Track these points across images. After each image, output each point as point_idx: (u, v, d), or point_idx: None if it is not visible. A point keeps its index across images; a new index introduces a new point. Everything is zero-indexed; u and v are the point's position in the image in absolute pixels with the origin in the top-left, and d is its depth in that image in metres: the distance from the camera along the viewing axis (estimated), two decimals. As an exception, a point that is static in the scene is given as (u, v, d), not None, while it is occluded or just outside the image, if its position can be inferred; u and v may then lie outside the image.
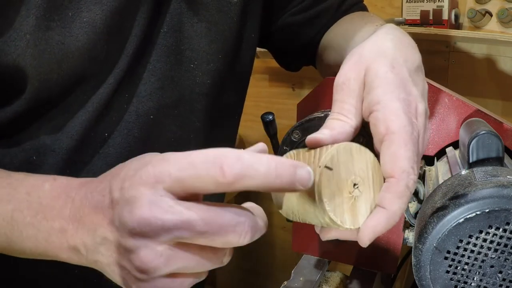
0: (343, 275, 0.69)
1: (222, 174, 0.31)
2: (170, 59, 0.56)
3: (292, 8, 0.73)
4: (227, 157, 0.32)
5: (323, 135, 0.39)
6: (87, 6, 0.48)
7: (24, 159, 0.51)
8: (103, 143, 0.54)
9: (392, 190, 0.37)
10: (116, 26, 0.50)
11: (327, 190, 0.36)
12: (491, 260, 0.38)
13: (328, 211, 0.36)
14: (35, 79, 0.47)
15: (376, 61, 0.41)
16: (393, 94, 0.39)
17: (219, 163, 0.31)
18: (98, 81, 0.51)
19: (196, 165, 0.32)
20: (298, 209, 0.39)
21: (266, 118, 0.55)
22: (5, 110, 0.48)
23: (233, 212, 0.33)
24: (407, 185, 0.37)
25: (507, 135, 0.54)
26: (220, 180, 0.31)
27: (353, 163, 0.38)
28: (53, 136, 0.51)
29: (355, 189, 0.38)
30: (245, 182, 0.32)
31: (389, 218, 0.37)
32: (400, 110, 0.38)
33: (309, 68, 0.83)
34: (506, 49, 1.37)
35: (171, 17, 0.55)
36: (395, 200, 0.37)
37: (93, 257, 0.37)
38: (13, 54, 0.45)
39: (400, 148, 0.37)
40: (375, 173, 0.39)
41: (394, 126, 0.37)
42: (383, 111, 0.38)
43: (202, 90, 0.60)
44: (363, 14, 0.74)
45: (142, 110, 0.55)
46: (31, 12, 0.44)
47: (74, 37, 0.47)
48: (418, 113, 0.40)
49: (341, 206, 0.37)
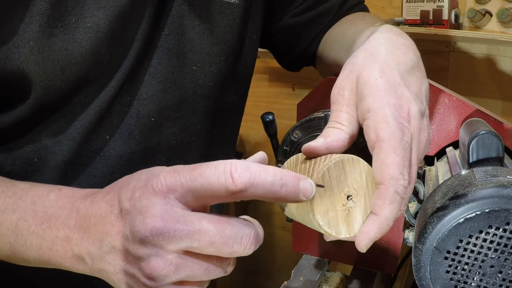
0: (343, 275, 0.69)
1: (232, 182, 0.33)
2: (172, 61, 0.56)
3: (294, 9, 0.73)
4: (236, 167, 0.33)
5: (317, 144, 0.40)
6: (90, 12, 0.48)
7: (25, 161, 0.51)
8: (104, 145, 0.54)
9: (382, 197, 0.38)
10: (120, 31, 0.50)
11: (320, 207, 0.37)
12: (491, 260, 0.38)
13: (322, 226, 0.38)
14: (38, 85, 0.47)
15: (366, 68, 0.42)
16: (383, 100, 0.39)
17: (229, 172, 0.33)
18: (101, 84, 0.52)
19: (207, 174, 0.33)
20: (298, 218, 0.41)
21: (266, 118, 0.55)
22: (8, 114, 0.48)
23: (240, 224, 0.35)
24: (396, 191, 0.37)
25: (507, 135, 0.54)
26: (230, 188, 0.33)
27: (345, 176, 0.38)
28: (55, 139, 0.51)
29: (349, 201, 0.39)
30: (253, 190, 0.33)
31: (381, 224, 0.38)
32: (389, 117, 0.39)
33: (309, 68, 0.83)
34: (506, 49, 1.37)
35: (173, 20, 0.55)
36: (385, 206, 0.38)
37: (98, 265, 0.38)
38: (17, 60, 0.45)
39: (388, 155, 0.38)
40: (370, 180, 0.40)
41: (383, 134, 0.38)
42: (373, 119, 0.39)
43: (204, 92, 0.60)
44: (363, 14, 0.74)
45: (143, 112, 0.55)
46: (34, 19, 0.45)
47: (78, 43, 0.48)
48: (411, 116, 0.40)
49: (335, 219, 0.38)
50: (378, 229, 0.38)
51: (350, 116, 0.42)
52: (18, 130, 0.50)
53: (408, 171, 0.38)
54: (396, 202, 0.38)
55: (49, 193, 0.41)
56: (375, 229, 0.38)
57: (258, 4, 0.66)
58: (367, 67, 0.42)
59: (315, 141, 0.41)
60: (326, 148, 0.40)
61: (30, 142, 0.51)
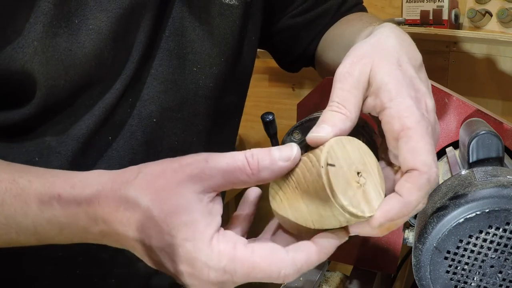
0: (343, 275, 0.69)
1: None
2: (173, 63, 0.57)
3: (293, 10, 0.73)
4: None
5: (326, 134, 0.38)
6: (93, 14, 0.48)
7: (26, 160, 0.51)
8: (107, 146, 0.54)
9: (413, 181, 0.36)
10: (122, 33, 0.51)
11: (339, 186, 0.36)
12: (491, 260, 0.38)
13: (346, 206, 0.36)
14: (42, 85, 0.47)
15: (383, 59, 0.40)
16: (404, 91, 0.38)
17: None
18: (105, 86, 0.52)
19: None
20: (312, 218, 0.38)
21: (266, 118, 0.55)
22: (14, 112, 0.49)
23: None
24: (428, 178, 0.36)
25: (507, 135, 0.54)
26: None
27: (348, 154, 0.38)
28: (59, 139, 0.51)
29: (360, 177, 0.37)
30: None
31: (403, 207, 0.37)
32: (414, 106, 0.38)
33: (309, 68, 0.83)
34: (506, 49, 1.37)
35: (173, 22, 0.56)
36: (413, 191, 0.36)
37: None
38: (21, 60, 0.45)
39: (418, 142, 0.37)
40: (368, 158, 0.39)
41: (410, 122, 0.37)
42: (396, 108, 0.38)
43: (205, 93, 0.61)
44: (361, 14, 0.74)
45: (144, 113, 0.55)
46: (39, 20, 0.45)
47: (81, 44, 0.48)
48: (428, 109, 0.40)
49: (355, 197, 0.37)
50: (399, 210, 0.37)
51: (356, 100, 0.40)
52: (23, 128, 0.50)
53: (436, 161, 0.38)
54: (425, 190, 0.37)
55: (51, 200, 0.41)
56: (396, 209, 0.37)
57: (258, 6, 0.67)
58: (383, 57, 0.40)
59: (321, 130, 0.39)
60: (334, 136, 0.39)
61: (33, 141, 0.51)
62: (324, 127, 0.39)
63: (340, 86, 0.40)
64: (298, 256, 0.37)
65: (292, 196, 0.38)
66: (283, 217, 0.40)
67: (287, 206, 0.39)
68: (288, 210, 0.39)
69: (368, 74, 0.40)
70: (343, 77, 0.40)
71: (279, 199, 0.39)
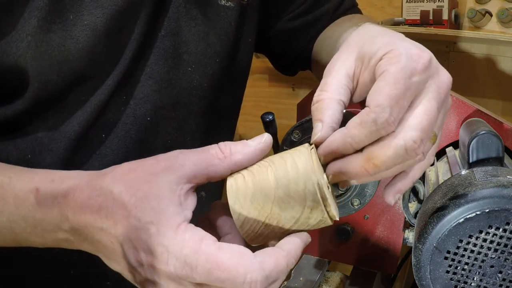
0: (343, 275, 0.69)
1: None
2: (168, 62, 0.57)
3: (290, 13, 0.73)
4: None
5: (320, 132, 0.38)
6: (88, 10, 0.48)
7: (19, 158, 0.51)
8: (100, 144, 0.54)
9: (360, 116, 0.36)
10: (116, 30, 0.51)
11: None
12: (491, 260, 0.38)
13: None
14: (35, 80, 0.47)
15: (369, 40, 0.40)
16: (402, 43, 0.38)
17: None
18: (97, 82, 0.52)
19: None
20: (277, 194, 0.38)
21: (266, 118, 0.55)
22: (5, 108, 0.49)
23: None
24: (375, 119, 0.35)
25: (507, 135, 0.54)
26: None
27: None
28: (51, 135, 0.51)
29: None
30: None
31: (346, 138, 0.37)
32: (403, 55, 0.36)
33: (309, 69, 0.83)
34: (506, 49, 1.37)
35: (169, 21, 0.56)
36: (357, 125, 0.36)
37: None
38: (14, 54, 0.45)
39: (386, 86, 0.35)
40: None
41: (390, 67, 0.36)
42: (386, 57, 0.37)
43: (199, 93, 0.61)
44: (352, 16, 0.74)
45: (139, 112, 0.56)
46: (33, 14, 0.45)
47: (75, 40, 0.48)
48: (432, 65, 0.38)
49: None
50: (341, 141, 0.37)
51: (337, 80, 0.39)
52: (14, 124, 0.50)
53: (398, 113, 0.36)
54: (368, 128, 0.35)
55: (28, 194, 0.41)
56: (339, 140, 0.37)
57: (254, 8, 0.67)
58: (368, 39, 0.40)
59: (315, 129, 0.39)
60: (329, 131, 0.39)
61: (25, 138, 0.51)
62: (317, 125, 0.39)
63: (323, 78, 0.40)
64: (266, 261, 0.35)
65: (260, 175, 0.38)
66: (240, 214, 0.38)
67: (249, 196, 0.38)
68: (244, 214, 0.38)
69: (353, 57, 0.40)
70: (326, 71, 0.41)
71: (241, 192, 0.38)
